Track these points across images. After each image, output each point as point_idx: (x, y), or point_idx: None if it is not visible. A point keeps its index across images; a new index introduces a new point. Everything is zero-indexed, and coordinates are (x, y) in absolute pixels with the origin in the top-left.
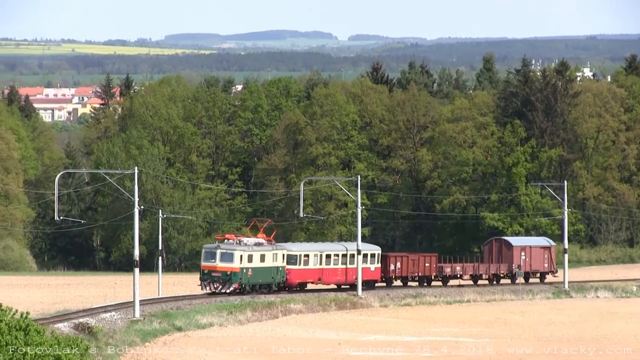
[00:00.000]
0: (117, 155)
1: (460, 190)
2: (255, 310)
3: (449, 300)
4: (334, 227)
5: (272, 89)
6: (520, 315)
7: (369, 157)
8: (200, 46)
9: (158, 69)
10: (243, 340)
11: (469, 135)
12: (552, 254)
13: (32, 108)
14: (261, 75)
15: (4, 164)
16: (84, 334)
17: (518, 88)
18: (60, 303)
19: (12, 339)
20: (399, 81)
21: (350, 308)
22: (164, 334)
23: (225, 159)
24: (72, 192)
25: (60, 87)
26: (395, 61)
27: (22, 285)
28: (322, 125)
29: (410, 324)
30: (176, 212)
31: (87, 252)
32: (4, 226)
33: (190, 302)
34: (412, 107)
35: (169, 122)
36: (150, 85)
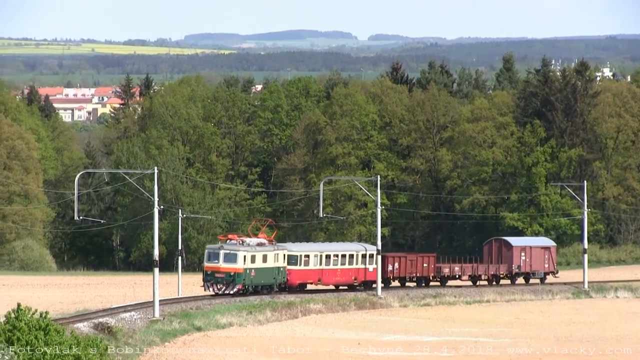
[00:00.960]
0: (137, 155)
1: (480, 190)
2: (274, 310)
3: (468, 300)
4: (353, 227)
5: (291, 89)
6: (540, 315)
7: (389, 157)
8: (220, 46)
9: (178, 68)
10: (262, 340)
11: (489, 135)
12: (552, 254)
13: (52, 108)
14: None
15: (24, 163)
16: (103, 333)
17: (538, 88)
18: (80, 303)
19: (31, 338)
20: (418, 81)
21: (369, 308)
22: (184, 334)
23: (245, 159)
24: (91, 192)
25: (80, 87)
26: (415, 61)
27: (41, 285)
28: (341, 125)
29: (429, 324)
30: (196, 212)
31: (107, 252)
32: (24, 226)
33: (210, 302)
34: (431, 107)
35: (188, 122)
36: (170, 85)
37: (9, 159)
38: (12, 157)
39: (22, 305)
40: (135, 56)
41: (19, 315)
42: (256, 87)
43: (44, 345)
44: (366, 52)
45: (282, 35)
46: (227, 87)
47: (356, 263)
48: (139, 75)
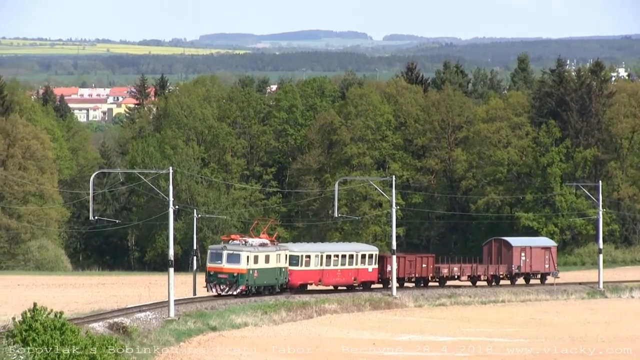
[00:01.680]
0: (152, 155)
1: (495, 190)
2: (289, 310)
3: (483, 300)
4: (368, 227)
5: (306, 89)
6: (555, 315)
7: (404, 157)
8: (235, 46)
9: (193, 69)
10: (278, 340)
11: (504, 135)
12: (552, 254)
13: (67, 108)
14: (296, 75)
15: (39, 163)
16: (118, 333)
17: (553, 88)
18: (95, 303)
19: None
20: (433, 81)
21: (384, 308)
22: (199, 333)
23: (260, 159)
24: (106, 192)
25: (95, 87)
26: (430, 61)
27: (56, 285)
28: (356, 125)
29: (444, 324)
30: (211, 212)
31: (122, 251)
32: (39, 226)
33: (225, 302)
34: (446, 107)
35: (203, 122)
36: (185, 85)
37: (24, 159)
38: (27, 157)
39: (38, 305)
40: (150, 56)
41: (35, 315)
42: (271, 87)
43: (59, 345)
44: (381, 52)
45: (297, 36)
46: (242, 87)
47: (356, 263)
48: (154, 76)
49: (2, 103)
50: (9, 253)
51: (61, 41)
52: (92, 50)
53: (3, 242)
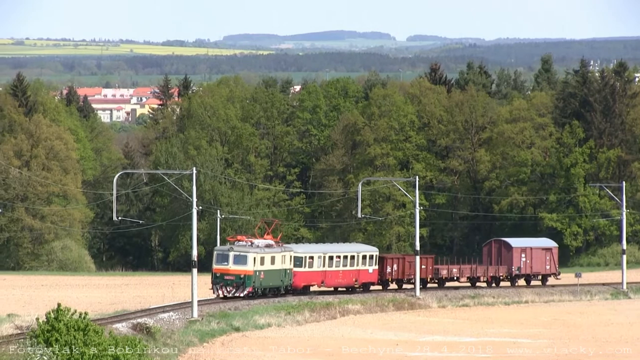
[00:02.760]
0: (176, 156)
1: (518, 191)
2: (313, 311)
3: (507, 301)
4: (391, 227)
5: (330, 90)
6: (579, 316)
7: (427, 157)
8: (259, 47)
9: (216, 69)
10: (301, 341)
11: (527, 136)
12: (554, 255)
13: (91, 108)
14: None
15: (63, 164)
16: (142, 334)
17: (576, 89)
18: (119, 303)
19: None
20: (457, 82)
21: (408, 309)
22: (222, 334)
23: (284, 160)
24: (130, 193)
25: (119, 87)
26: (453, 62)
27: (80, 286)
28: (380, 126)
29: (468, 324)
30: (234, 212)
31: (146, 252)
32: (63, 226)
33: (248, 303)
34: (470, 108)
35: (227, 122)
36: (209, 86)
37: (48, 160)
38: (50, 157)
39: (62, 306)
40: (174, 57)
41: (59, 315)
42: (294, 88)
43: (82, 346)
44: (405, 52)
45: (320, 36)
46: (265, 88)
47: (357, 265)
48: (177, 76)
49: (26, 103)
50: (33, 253)
51: (85, 42)
52: (115, 51)
53: (27, 242)
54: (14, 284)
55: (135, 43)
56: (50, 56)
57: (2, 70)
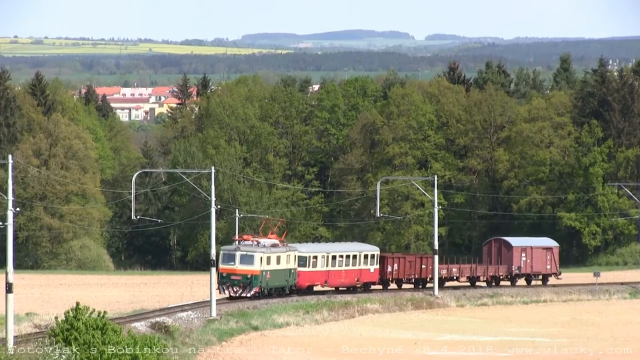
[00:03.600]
0: (194, 155)
1: (537, 190)
2: (331, 310)
3: (525, 300)
4: (410, 227)
5: (348, 89)
6: (597, 315)
7: (446, 156)
8: (277, 46)
9: (235, 68)
10: (319, 340)
11: (546, 135)
12: (554, 255)
13: (109, 107)
14: (338, 75)
15: (81, 163)
16: (160, 333)
17: (595, 88)
18: (137, 302)
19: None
20: (475, 81)
21: (426, 308)
22: (241, 333)
23: (302, 159)
24: (149, 192)
25: (137, 86)
26: (472, 61)
27: (99, 285)
28: (398, 125)
29: (486, 323)
30: (253, 211)
31: (164, 251)
32: (82, 225)
33: (266, 302)
34: (489, 107)
35: (245, 121)
36: (227, 85)
37: (67, 159)
38: (69, 156)
39: (80, 305)
40: (193, 56)
41: (77, 314)
42: (313, 87)
43: (101, 345)
44: (423, 52)
45: (339, 35)
46: (284, 87)
47: (359, 264)
48: (196, 75)
49: (45, 103)
50: (52, 252)
51: (104, 41)
52: (134, 50)
53: (45, 241)
54: (33, 283)
55: (154, 42)
56: (69, 55)
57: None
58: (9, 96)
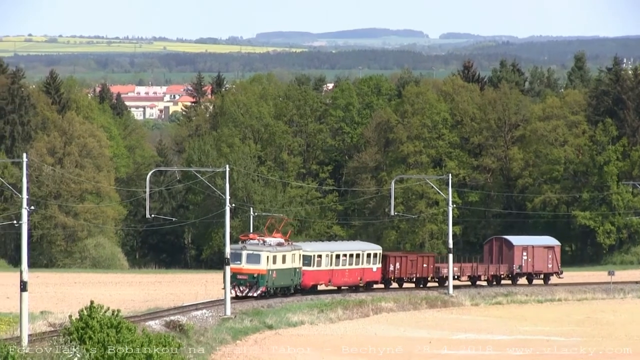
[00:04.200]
0: (209, 153)
1: (551, 188)
2: (346, 309)
3: (540, 299)
4: (424, 225)
5: (363, 87)
6: (612, 314)
7: (460, 155)
8: (292, 44)
9: (249, 67)
10: (334, 339)
11: (561, 134)
12: (556, 254)
13: (124, 106)
14: (352, 73)
15: (96, 161)
16: (175, 331)
17: (609, 87)
18: (152, 301)
19: (104, 336)
20: (490, 79)
21: (441, 306)
22: (255, 332)
23: (317, 157)
24: (163, 190)
25: (152, 85)
26: (486, 59)
27: (113, 283)
28: (413, 124)
29: (501, 322)
30: (267, 210)
31: (179, 249)
32: (96, 224)
33: (281, 300)
34: (503, 106)
35: (260, 120)
36: (242, 84)
37: (81, 157)
38: (84, 155)
39: (95, 303)
40: (207, 54)
41: (92, 313)
42: (327, 86)
43: (115, 343)
44: (437, 50)
45: (353, 34)
46: (298, 86)
47: (361, 263)
48: (210, 74)
49: (59, 101)
50: (66, 251)
51: (118, 39)
52: (149, 49)
53: (60, 240)
54: (47, 282)
55: (169, 40)
56: (84, 53)
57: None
58: (24, 94)
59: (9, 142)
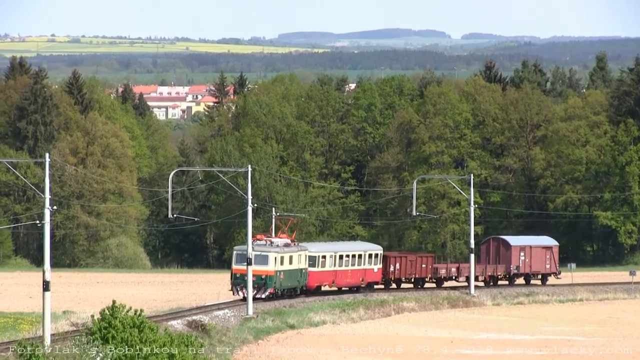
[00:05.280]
0: (231, 154)
1: (573, 189)
2: (368, 309)
3: (561, 299)
4: (446, 225)
5: (385, 88)
6: (633, 314)
7: (482, 155)
8: (314, 44)
9: (271, 67)
10: (356, 338)
11: (582, 134)
12: (554, 254)
13: (146, 106)
14: (374, 73)
15: (118, 161)
16: (197, 331)
17: (631, 87)
18: (174, 300)
19: (127, 335)
20: (512, 80)
21: (462, 306)
22: (277, 331)
23: (339, 157)
24: (185, 190)
25: (174, 85)
26: (508, 60)
27: (135, 283)
28: (435, 124)
29: (522, 322)
30: (289, 210)
31: (201, 249)
32: (118, 224)
33: (303, 300)
34: (525, 106)
35: (282, 120)
36: (264, 84)
37: (104, 157)
38: (106, 155)
39: (117, 303)
40: (229, 55)
41: (114, 312)
42: (350, 86)
43: (139, 343)
44: (459, 50)
45: (375, 34)
46: (320, 86)
47: (363, 264)
48: (232, 74)
49: (82, 101)
50: (88, 251)
51: (141, 39)
52: (171, 49)
53: (82, 239)
54: (70, 281)
55: (191, 41)
56: (106, 54)
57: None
58: (46, 95)
59: (31, 142)
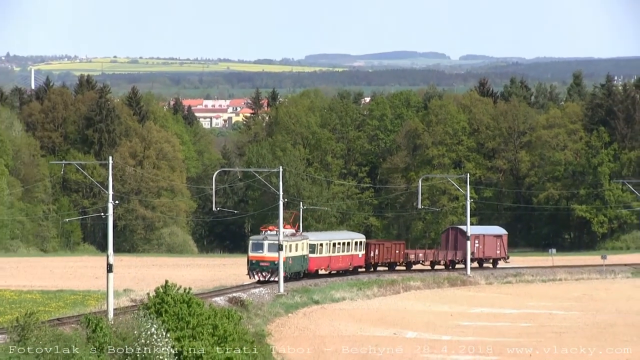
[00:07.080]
0: (265, 157)
1: (553, 186)
2: (380, 287)
3: (544, 279)
4: (447, 217)
5: (395, 101)
6: (604, 292)
7: (477, 158)
8: (335, 64)
9: (299, 83)
10: (370, 312)
11: (561, 140)
12: (504, 242)
13: (194, 116)
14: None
15: (170, 163)
16: (236, 306)
17: (603, 100)
18: (217, 280)
19: (178, 309)
20: (502, 94)
21: (460, 285)
22: (304, 306)
23: (356, 160)
24: (227, 187)
25: (217, 99)
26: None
27: (185, 265)
28: (437, 131)
29: (511, 298)
30: (314, 204)
31: (240, 237)
32: (170, 216)
33: (326, 280)
34: (513, 116)
35: (308, 128)
36: (293, 98)
37: (158, 159)
38: (160, 157)
39: (169, 282)
40: (264, 73)
41: (167, 290)
42: (365, 100)
43: (188, 316)
44: (458, 69)
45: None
46: (340, 99)
47: (351, 250)
48: (266, 89)
49: (140, 112)
50: (145, 238)
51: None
52: (214, 68)
53: (140, 229)
54: (129, 264)
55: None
56: (160, 72)
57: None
58: (110, 107)
59: (97, 147)
